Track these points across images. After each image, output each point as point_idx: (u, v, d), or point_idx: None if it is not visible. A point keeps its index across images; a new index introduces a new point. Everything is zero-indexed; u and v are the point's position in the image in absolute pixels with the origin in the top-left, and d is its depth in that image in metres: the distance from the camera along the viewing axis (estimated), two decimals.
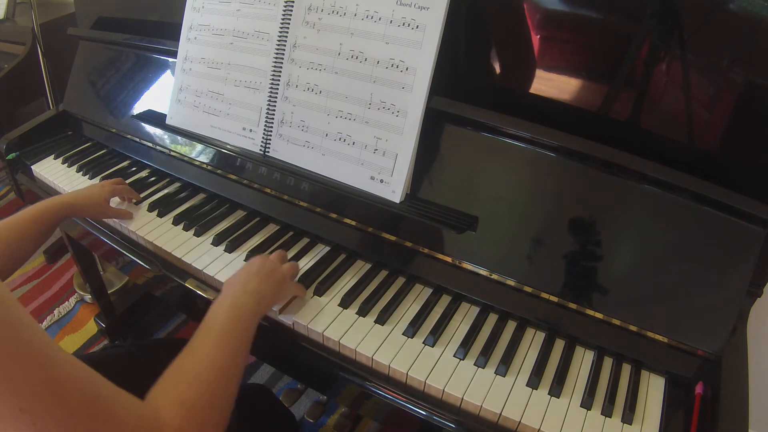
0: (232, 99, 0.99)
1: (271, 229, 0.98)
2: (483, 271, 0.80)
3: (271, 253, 0.90)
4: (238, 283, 0.70)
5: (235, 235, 0.94)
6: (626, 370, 0.73)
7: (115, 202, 1.01)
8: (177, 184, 1.11)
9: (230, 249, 0.91)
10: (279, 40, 0.93)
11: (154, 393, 0.52)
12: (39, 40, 1.39)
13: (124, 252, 0.97)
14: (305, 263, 0.89)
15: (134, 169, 1.17)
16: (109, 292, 1.66)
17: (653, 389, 0.71)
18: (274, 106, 0.94)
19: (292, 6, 0.91)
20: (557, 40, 0.81)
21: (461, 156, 0.82)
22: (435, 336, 0.75)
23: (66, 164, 1.18)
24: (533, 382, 0.70)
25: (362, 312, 0.79)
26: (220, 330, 0.61)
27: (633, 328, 0.73)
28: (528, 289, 0.78)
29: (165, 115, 1.09)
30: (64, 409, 0.42)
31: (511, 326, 0.79)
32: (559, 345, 0.77)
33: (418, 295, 0.84)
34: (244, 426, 0.83)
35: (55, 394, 0.41)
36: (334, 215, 0.90)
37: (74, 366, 0.44)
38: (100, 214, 0.98)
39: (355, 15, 0.85)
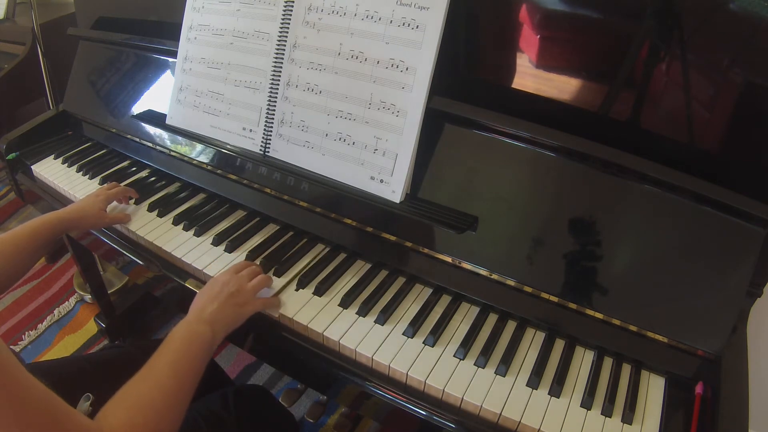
0: (232, 99, 0.99)
1: (271, 229, 0.98)
2: (483, 271, 0.80)
3: (273, 249, 0.90)
4: (197, 308, 0.73)
5: (235, 235, 0.94)
6: (626, 370, 0.73)
7: (111, 205, 1.02)
8: (177, 184, 1.11)
9: (230, 249, 0.91)
10: (279, 40, 0.93)
11: (105, 413, 0.55)
12: (39, 40, 1.39)
13: (124, 252, 0.97)
14: (305, 263, 0.89)
15: (134, 169, 1.17)
16: (109, 292, 1.66)
17: (653, 389, 0.71)
18: (274, 106, 0.94)
19: (292, 6, 0.91)
20: (557, 40, 0.81)
21: (461, 156, 0.82)
22: (435, 336, 0.75)
23: (66, 164, 1.18)
24: (533, 382, 0.70)
25: (362, 312, 0.79)
26: (173, 358, 0.64)
27: (633, 328, 0.73)
28: (528, 289, 0.78)
29: (165, 115, 1.09)
30: (23, 426, 0.45)
31: (511, 326, 0.79)
32: (559, 345, 0.77)
33: (418, 295, 0.84)
34: (243, 427, 0.83)
35: (16, 413, 0.45)
36: (334, 215, 0.90)
37: (33, 386, 0.47)
38: (99, 224, 0.98)
39: (355, 15, 0.85)
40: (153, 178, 1.13)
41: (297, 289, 0.83)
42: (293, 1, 0.91)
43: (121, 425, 0.54)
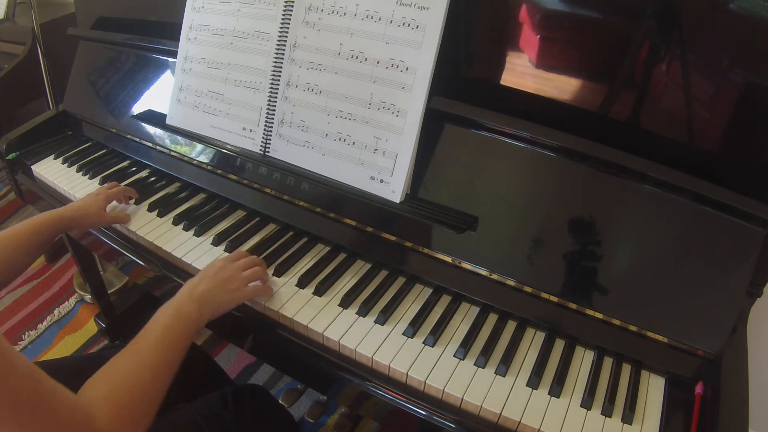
0: (232, 99, 0.99)
1: (271, 229, 0.98)
2: (483, 271, 0.80)
3: (273, 249, 0.90)
4: (187, 288, 0.74)
5: (235, 235, 0.94)
6: (626, 370, 0.73)
7: (111, 205, 1.01)
8: (177, 184, 1.11)
9: (230, 249, 0.91)
10: (279, 40, 0.93)
11: (89, 386, 0.56)
12: (39, 40, 1.39)
13: (124, 252, 0.97)
14: (305, 263, 0.89)
15: (134, 169, 1.17)
16: (109, 292, 1.66)
17: (653, 389, 0.71)
18: (274, 106, 0.94)
19: (292, 6, 0.91)
20: (557, 40, 0.81)
21: (461, 156, 0.82)
22: (435, 336, 0.75)
23: (66, 164, 1.18)
24: (533, 382, 0.70)
25: (362, 312, 0.79)
26: (159, 335, 0.65)
27: (633, 328, 0.73)
28: (528, 289, 0.78)
29: (165, 115, 1.09)
30: (9, 401, 0.45)
31: (511, 326, 0.79)
32: (559, 345, 0.77)
33: (418, 295, 0.84)
34: (242, 426, 0.83)
35: (1, 387, 0.45)
36: (334, 215, 0.90)
37: (17, 359, 0.48)
38: (99, 224, 0.98)
39: (355, 15, 0.85)
40: (153, 178, 1.13)
41: (297, 289, 0.83)
42: (293, 1, 0.91)
43: (104, 397, 0.55)
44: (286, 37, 0.92)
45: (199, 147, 1.04)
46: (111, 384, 0.57)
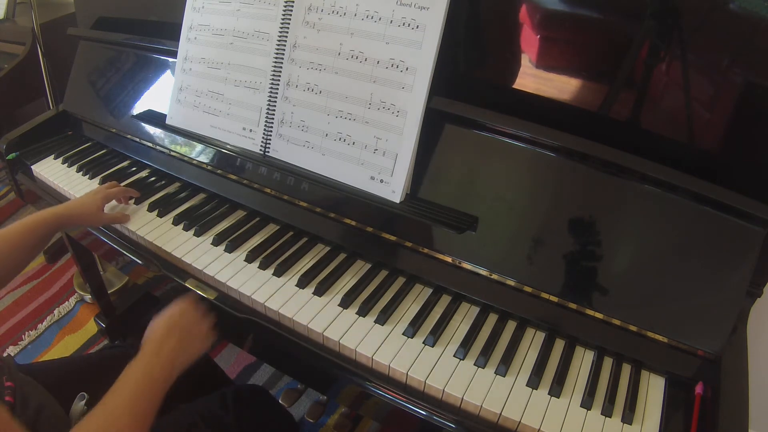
0: (232, 99, 0.99)
1: (271, 229, 0.98)
2: (483, 271, 0.80)
3: (273, 249, 0.90)
4: (154, 343, 0.71)
5: (235, 235, 0.94)
6: (626, 370, 0.73)
7: (111, 205, 1.01)
8: (177, 184, 1.11)
9: (230, 249, 0.91)
10: (279, 40, 0.93)
11: None
12: (39, 40, 1.39)
13: (124, 252, 0.97)
14: (305, 263, 0.89)
15: (134, 169, 1.17)
16: (109, 292, 1.66)
17: (653, 389, 0.71)
18: (274, 106, 0.94)
19: (292, 6, 0.91)
20: (557, 40, 0.81)
21: (461, 156, 0.82)
22: (435, 336, 0.75)
23: (66, 164, 1.18)
24: (533, 382, 0.70)
25: (362, 312, 0.79)
26: (130, 396, 0.63)
27: (633, 328, 0.73)
28: (528, 289, 0.78)
29: (165, 115, 1.09)
30: None
31: (511, 326, 0.79)
32: (559, 345, 0.77)
33: (418, 295, 0.84)
34: (242, 427, 0.83)
35: None
36: (334, 215, 0.90)
37: None
38: (96, 222, 0.98)
39: (355, 15, 0.85)
40: (153, 178, 1.13)
41: (297, 289, 0.83)
42: (293, 1, 0.91)
43: None
44: (286, 37, 0.92)
45: (199, 147, 1.04)
46: None
